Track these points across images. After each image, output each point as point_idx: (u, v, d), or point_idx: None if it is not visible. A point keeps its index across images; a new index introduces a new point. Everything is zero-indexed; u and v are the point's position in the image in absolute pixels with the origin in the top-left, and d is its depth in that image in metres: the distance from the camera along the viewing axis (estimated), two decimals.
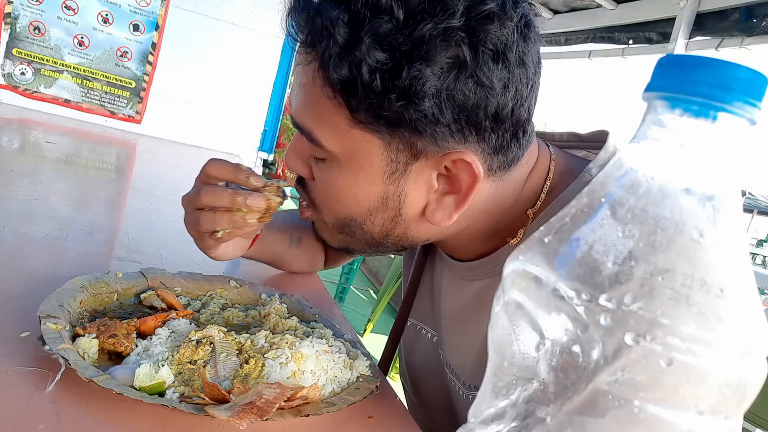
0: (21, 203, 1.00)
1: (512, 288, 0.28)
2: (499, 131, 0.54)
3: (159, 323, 0.59)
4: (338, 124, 0.54)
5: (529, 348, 0.27)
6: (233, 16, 2.53)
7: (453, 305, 0.69)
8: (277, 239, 0.86)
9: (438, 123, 0.51)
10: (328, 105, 0.53)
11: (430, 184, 0.56)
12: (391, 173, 0.55)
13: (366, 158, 0.55)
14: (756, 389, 0.26)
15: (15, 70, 2.28)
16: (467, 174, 0.54)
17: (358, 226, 0.60)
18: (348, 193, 0.58)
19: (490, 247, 0.64)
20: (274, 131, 2.74)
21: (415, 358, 0.79)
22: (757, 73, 0.26)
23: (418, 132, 0.52)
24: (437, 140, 0.52)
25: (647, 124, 0.28)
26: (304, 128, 0.57)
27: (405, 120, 0.51)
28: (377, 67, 0.48)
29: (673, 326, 0.24)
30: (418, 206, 0.58)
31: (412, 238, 0.61)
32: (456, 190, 0.56)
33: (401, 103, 0.50)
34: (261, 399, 0.47)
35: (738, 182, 0.27)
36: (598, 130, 0.67)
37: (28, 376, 0.46)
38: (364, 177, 0.56)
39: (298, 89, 0.57)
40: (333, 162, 0.57)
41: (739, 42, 2.63)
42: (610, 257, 0.26)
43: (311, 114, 0.56)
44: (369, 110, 0.51)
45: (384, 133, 0.53)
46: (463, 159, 0.53)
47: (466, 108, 0.51)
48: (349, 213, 0.59)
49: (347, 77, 0.50)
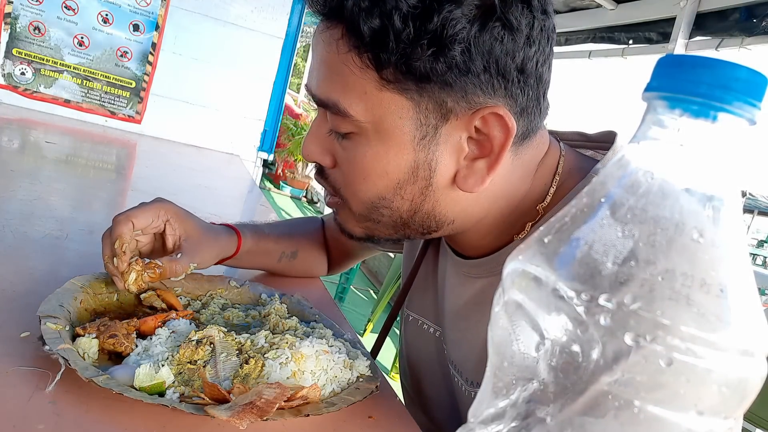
0: (21, 203, 1.00)
1: (512, 288, 0.28)
2: (525, 88, 0.54)
3: (159, 323, 0.59)
4: (365, 88, 0.54)
5: (529, 348, 0.27)
6: (233, 16, 2.53)
7: (457, 302, 0.69)
8: (264, 255, 0.87)
9: (468, 73, 0.51)
10: (355, 71, 0.53)
11: (461, 147, 0.55)
12: (422, 138, 0.55)
13: (395, 123, 0.54)
14: (756, 389, 0.26)
15: (15, 70, 2.28)
16: (500, 129, 0.54)
17: (386, 206, 0.58)
18: (377, 166, 0.56)
19: (498, 242, 0.63)
20: (274, 131, 2.74)
21: (416, 354, 0.79)
22: (757, 73, 0.26)
23: (448, 86, 0.52)
24: (467, 94, 0.52)
25: (647, 124, 0.28)
26: (329, 101, 0.56)
27: (435, 72, 0.51)
28: (409, 12, 0.49)
29: (673, 326, 0.24)
30: (449, 174, 0.56)
31: (440, 215, 0.59)
32: (487, 153, 0.55)
33: (432, 50, 0.50)
34: (261, 399, 0.47)
35: (738, 182, 0.27)
36: (606, 131, 0.67)
37: (28, 376, 0.46)
38: (394, 145, 0.55)
39: (318, 66, 0.57)
40: (360, 135, 0.56)
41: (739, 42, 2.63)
42: (610, 257, 0.26)
43: (336, 85, 0.55)
44: (398, 65, 0.51)
45: (413, 93, 0.53)
46: (495, 112, 0.53)
47: (495, 54, 0.51)
48: (377, 191, 0.58)
49: (379, 27, 0.50)
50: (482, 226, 0.62)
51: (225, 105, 2.60)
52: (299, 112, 7.49)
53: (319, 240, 0.97)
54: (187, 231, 0.71)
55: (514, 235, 0.62)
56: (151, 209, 0.68)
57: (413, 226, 0.61)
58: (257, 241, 0.84)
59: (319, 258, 0.97)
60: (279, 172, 7.48)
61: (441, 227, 0.61)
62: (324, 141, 0.60)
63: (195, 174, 2.04)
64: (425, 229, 0.61)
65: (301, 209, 6.93)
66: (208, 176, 2.04)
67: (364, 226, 0.62)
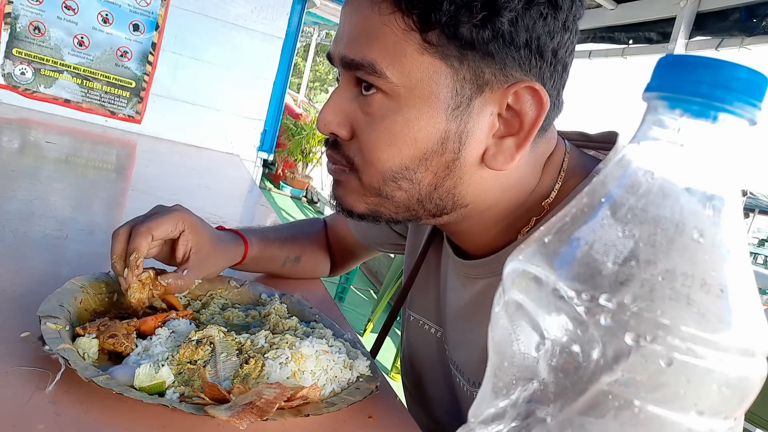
0: (21, 203, 1.00)
1: (512, 288, 0.28)
2: (554, 73, 0.55)
3: (159, 323, 0.59)
4: (406, 51, 0.53)
5: (529, 348, 0.27)
6: (233, 16, 2.53)
7: (458, 303, 0.69)
8: (269, 261, 0.87)
9: (512, 45, 0.52)
10: (397, 32, 0.53)
11: (492, 123, 0.55)
12: (455, 107, 0.54)
13: (432, 89, 0.54)
14: (756, 389, 0.26)
15: (15, 70, 2.28)
16: (532, 105, 0.54)
17: (408, 177, 0.57)
18: (407, 133, 0.55)
19: (502, 239, 0.63)
20: (274, 131, 2.74)
21: (417, 354, 0.79)
22: (757, 73, 0.26)
23: (489, 56, 0.52)
24: (506, 67, 0.53)
25: (647, 124, 0.28)
26: (365, 62, 0.55)
27: (480, 40, 0.52)
28: None
29: (674, 326, 0.24)
30: (478, 150, 0.56)
31: (458, 196, 0.59)
32: (515, 131, 0.55)
33: (483, 15, 0.50)
34: (261, 399, 0.47)
35: (738, 182, 0.27)
36: (608, 131, 0.67)
37: (28, 376, 0.46)
38: (427, 112, 0.55)
39: (352, 29, 0.56)
40: (392, 100, 0.55)
41: (739, 42, 2.63)
42: (611, 257, 0.26)
43: (374, 45, 0.54)
44: (446, 27, 0.52)
45: (453, 59, 0.53)
46: (531, 86, 0.53)
47: (537, 32, 0.52)
48: (401, 160, 0.56)
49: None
50: (488, 218, 0.62)
51: (225, 105, 2.60)
52: (299, 112, 7.49)
53: (322, 242, 0.97)
54: (198, 243, 0.72)
55: (520, 229, 0.62)
56: (171, 220, 0.68)
57: (427, 206, 0.59)
58: (263, 248, 0.84)
59: (322, 260, 0.97)
60: (279, 172, 7.48)
61: (455, 209, 0.60)
62: (345, 111, 0.59)
63: (195, 174, 2.04)
64: (439, 210, 0.60)
65: (301, 209, 6.93)
66: (208, 176, 2.04)
67: (371, 201, 0.60)
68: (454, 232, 0.68)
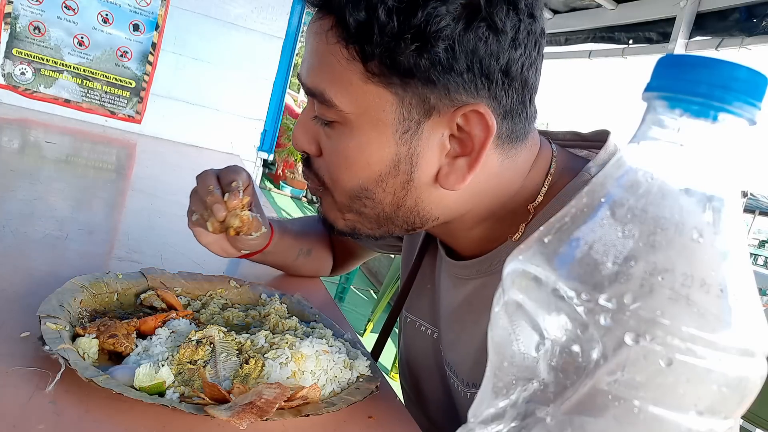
0: (21, 203, 1.00)
1: (512, 288, 0.28)
2: (509, 90, 0.54)
3: (159, 323, 0.59)
4: (351, 80, 0.54)
5: (529, 348, 0.27)
6: (233, 16, 2.53)
7: (451, 304, 0.70)
8: (287, 250, 0.87)
9: (452, 71, 0.52)
10: (342, 62, 0.54)
11: (442, 144, 0.56)
12: (404, 132, 0.55)
13: (379, 116, 0.55)
14: (756, 389, 0.26)
15: (15, 70, 2.28)
16: (480, 128, 0.54)
17: (369, 197, 0.59)
18: (360, 157, 0.57)
19: (491, 239, 0.64)
20: (274, 131, 2.73)
21: (414, 355, 0.80)
22: (757, 73, 0.26)
23: (431, 83, 0.52)
24: (450, 92, 0.53)
25: (647, 124, 0.28)
26: (316, 90, 0.56)
27: (419, 68, 0.51)
28: (394, 6, 0.50)
29: (673, 326, 0.24)
30: (431, 171, 0.57)
31: (423, 212, 0.60)
32: (468, 152, 0.56)
33: (416, 46, 0.50)
34: (261, 399, 0.47)
35: (738, 182, 0.27)
36: (600, 130, 0.68)
37: (28, 376, 0.46)
38: (376, 138, 0.56)
39: (309, 56, 0.58)
40: (345, 125, 0.57)
41: (739, 42, 2.63)
42: (610, 257, 0.26)
43: (323, 74, 0.56)
44: (383, 58, 0.52)
45: (397, 87, 0.53)
46: (476, 110, 0.53)
47: (478, 55, 0.51)
48: (360, 181, 0.58)
49: (364, 20, 0.51)
50: (467, 220, 0.63)
51: (225, 105, 2.60)
52: (299, 112, 7.48)
53: (327, 239, 0.98)
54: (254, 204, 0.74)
55: (507, 230, 0.63)
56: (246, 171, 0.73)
57: (397, 222, 0.61)
58: (282, 235, 0.84)
59: (327, 257, 0.97)
60: (279, 172, 7.48)
61: (425, 223, 0.62)
62: (311, 130, 0.61)
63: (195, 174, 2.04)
64: (409, 225, 0.62)
65: (301, 209, 6.93)
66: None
67: (347, 218, 0.63)
68: (438, 234, 0.69)
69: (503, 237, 0.63)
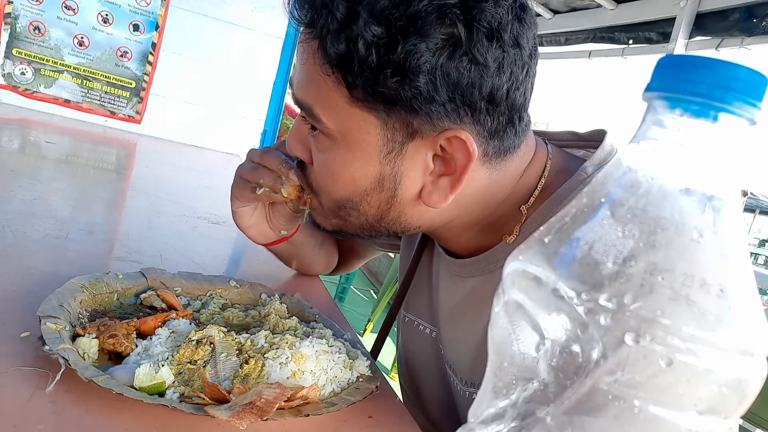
0: (21, 203, 1.00)
1: (512, 288, 0.28)
2: (494, 114, 0.54)
3: (159, 323, 0.59)
4: (337, 101, 0.55)
5: (529, 348, 0.27)
6: (233, 16, 2.53)
7: (449, 302, 0.70)
8: (307, 240, 0.88)
9: (433, 101, 0.52)
10: (328, 82, 0.55)
11: (426, 164, 0.57)
12: (388, 153, 0.56)
13: (363, 137, 0.56)
14: (756, 389, 0.26)
15: (15, 70, 2.28)
16: (462, 153, 0.55)
17: (354, 208, 0.61)
18: (345, 173, 0.58)
19: (483, 241, 0.64)
20: (274, 131, 2.74)
21: (413, 354, 0.80)
22: (757, 73, 0.26)
23: (414, 111, 0.53)
24: (432, 119, 0.53)
25: (647, 124, 0.28)
26: (305, 105, 0.58)
27: (401, 98, 0.52)
28: (373, 41, 0.50)
29: (673, 326, 0.24)
30: (414, 188, 0.58)
31: (406, 223, 0.62)
32: (451, 172, 0.56)
33: (396, 79, 0.51)
34: (261, 399, 0.47)
35: (738, 182, 0.27)
36: (597, 130, 0.68)
37: (28, 376, 0.46)
38: (361, 157, 0.57)
39: (300, 67, 0.59)
40: (331, 142, 0.58)
41: (739, 42, 2.63)
42: (610, 257, 0.26)
43: (312, 91, 0.57)
44: (366, 87, 0.52)
45: (381, 112, 0.54)
46: (457, 137, 0.54)
47: (460, 87, 0.52)
48: (345, 194, 0.60)
49: (344, 52, 0.51)
50: (457, 225, 0.64)
51: (225, 105, 2.60)
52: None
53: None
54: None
55: (502, 235, 0.63)
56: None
57: (380, 229, 0.63)
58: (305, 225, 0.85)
59: (335, 251, 0.97)
60: None
61: (407, 231, 0.63)
62: (304, 138, 0.63)
63: (195, 174, 2.04)
64: (392, 233, 0.64)
65: None
66: (208, 176, 2.04)
67: (333, 222, 0.65)
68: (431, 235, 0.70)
69: (496, 239, 0.63)
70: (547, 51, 3.83)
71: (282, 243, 0.82)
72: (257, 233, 0.79)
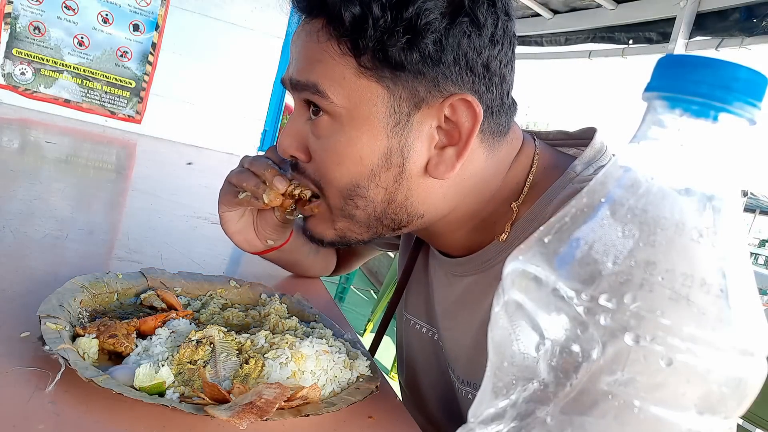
0: (21, 203, 1.00)
1: (512, 288, 0.28)
2: (490, 85, 0.58)
3: (159, 323, 0.59)
4: (344, 74, 0.56)
5: (529, 348, 0.27)
6: (233, 16, 2.53)
7: (445, 301, 0.70)
8: (301, 247, 0.87)
9: (440, 63, 0.55)
10: (335, 57, 0.56)
11: (431, 135, 0.58)
12: (395, 125, 0.57)
13: (370, 110, 0.57)
14: (756, 389, 0.26)
15: (15, 70, 2.28)
16: (467, 116, 0.57)
17: (362, 195, 0.60)
18: (352, 152, 0.58)
19: (476, 239, 0.65)
20: (274, 131, 2.74)
21: (412, 354, 0.80)
22: (757, 73, 0.26)
23: (421, 75, 0.55)
24: (439, 84, 0.56)
25: (647, 124, 0.28)
26: (309, 83, 0.58)
27: (409, 61, 0.54)
28: (387, 1, 0.53)
29: (673, 326, 0.24)
30: (421, 161, 0.59)
31: (411, 208, 0.61)
32: (455, 141, 0.58)
33: (407, 38, 0.53)
34: (261, 399, 0.47)
35: (738, 182, 0.27)
36: (586, 127, 0.68)
37: (28, 376, 0.46)
38: (368, 131, 0.57)
39: (298, 56, 0.60)
40: (336, 121, 0.58)
41: (739, 42, 2.63)
42: (610, 257, 0.26)
43: (316, 69, 0.58)
44: (376, 51, 0.55)
45: (388, 81, 0.56)
46: (463, 98, 0.56)
47: (463, 49, 0.55)
48: (352, 177, 0.59)
49: (359, 14, 0.54)
50: (452, 220, 0.64)
51: (225, 105, 2.60)
52: None
53: None
54: None
55: (493, 233, 0.63)
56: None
57: (385, 221, 0.62)
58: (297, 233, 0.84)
59: (332, 255, 0.97)
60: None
61: (411, 221, 0.63)
62: (300, 134, 0.63)
63: (195, 174, 2.04)
64: (396, 224, 0.63)
65: None
66: (208, 176, 2.04)
67: (339, 226, 0.64)
68: (426, 237, 0.71)
69: (488, 237, 0.64)
70: (547, 51, 3.83)
71: (273, 252, 0.81)
72: (243, 240, 0.77)
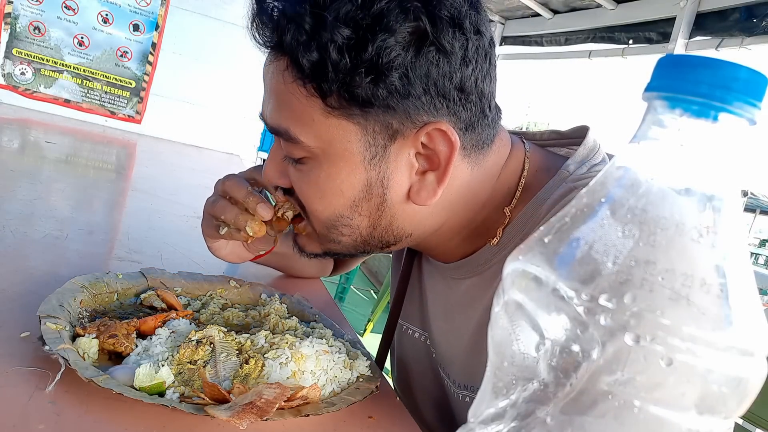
0: (21, 203, 1.00)
1: (512, 288, 0.28)
2: (467, 104, 0.56)
3: (159, 323, 0.59)
4: (313, 116, 0.55)
5: (529, 348, 0.27)
6: (233, 16, 2.53)
7: (442, 305, 0.70)
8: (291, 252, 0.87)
9: (409, 96, 0.53)
10: (301, 99, 0.55)
11: (411, 163, 0.57)
12: (372, 158, 0.56)
13: (345, 146, 0.56)
14: (756, 389, 0.26)
15: (15, 70, 2.28)
16: (444, 144, 0.56)
17: (346, 225, 0.60)
18: (332, 186, 0.58)
19: (471, 246, 0.65)
20: None
21: (405, 359, 0.80)
22: (757, 73, 0.26)
23: (391, 109, 0.53)
24: (411, 116, 0.54)
25: (647, 124, 0.28)
26: (281, 129, 0.57)
27: (377, 97, 0.52)
28: (344, 44, 0.50)
29: (674, 326, 0.24)
30: (402, 189, 0.58)
31: (398, 230, 0.61)
32: (436, 167, 0.57)
33: (371, 78, 0.51)
34: (261, 399, 0.47)
35: (738, 182, 0.27)
36: (579, 126, 0.68)
37: (28, 376, 0.46)
38: (345, 167, 0.57)
39: (268, 96, 0.59)
40: (313, 160, 0.58)
41: (739, 42, 2.63)
42: (610, 257, 0.26)
43: (286, 113, 0.57)
44: (341, 92, 0.53)
45: (358, 117, 0.54)
46: (438, 128, 0.55)
47: (432, 78, 0.53)
48: (335, 210, 0.59)
49: (317, 60, 0.52)
50: (445, 231, 0.64)
51: (225, 105, 2.60)
52: None
53: None
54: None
55: (487, 239, 0.63)
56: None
57: (372, 243, 0.62)
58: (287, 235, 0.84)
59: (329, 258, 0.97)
60: None
61: (399, 241, 0.63)
62: (281, 165, 0.62)
63: (195, 174, 2.04)
64: (384, 244, 0.63)
65: None
66: (208, 176, 2.04)
67: (326, 247, 0.64)
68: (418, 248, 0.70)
69: (483, 243, 0.64)
70: (547, 51, 3.83)
71: (266, 257, 0.82)
72: (235, 258, 0.79)
